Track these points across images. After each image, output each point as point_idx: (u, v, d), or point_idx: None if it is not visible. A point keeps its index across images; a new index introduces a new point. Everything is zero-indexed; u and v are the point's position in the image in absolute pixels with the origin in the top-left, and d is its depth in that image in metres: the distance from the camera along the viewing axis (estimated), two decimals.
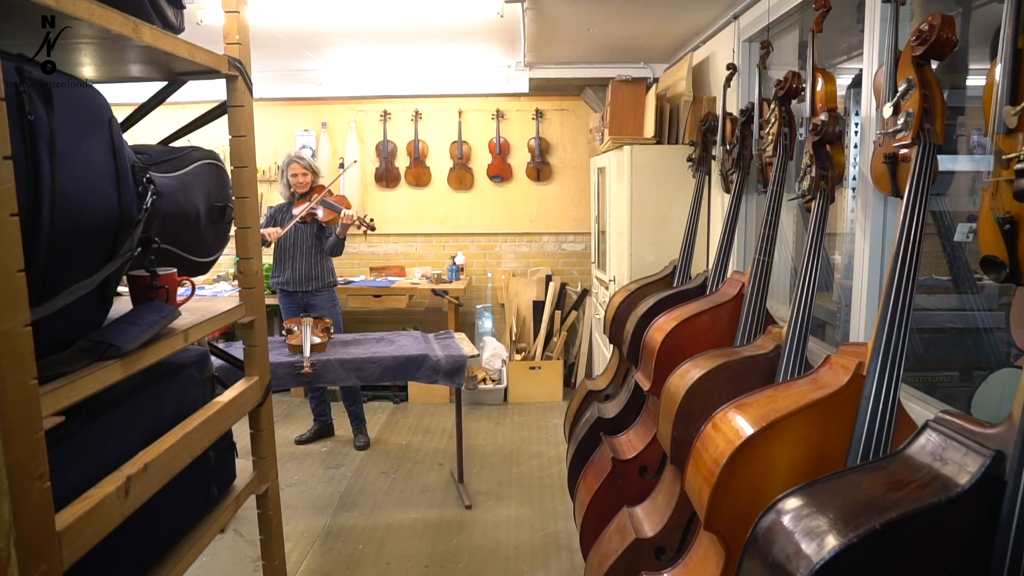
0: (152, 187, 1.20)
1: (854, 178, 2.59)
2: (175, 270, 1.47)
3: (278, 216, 4.67)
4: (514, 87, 5.72)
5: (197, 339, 1.41)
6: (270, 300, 5.53)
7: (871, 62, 2.08)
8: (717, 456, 1.63)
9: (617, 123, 4.30)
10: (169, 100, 1.70)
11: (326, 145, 6.17)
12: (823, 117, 2.10)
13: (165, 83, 1.70)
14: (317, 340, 3.76)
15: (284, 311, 4.74)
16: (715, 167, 3.73)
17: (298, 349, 3.66)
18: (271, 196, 6.20)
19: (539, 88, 5.65)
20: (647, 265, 3.97)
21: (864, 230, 2.14)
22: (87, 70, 1.51)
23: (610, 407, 3.36)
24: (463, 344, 3.97)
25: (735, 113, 3.42)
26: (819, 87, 2.29)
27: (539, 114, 6.10)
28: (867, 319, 2.13)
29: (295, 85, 5.65)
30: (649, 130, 3.99)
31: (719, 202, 3.74)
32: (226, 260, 6.36)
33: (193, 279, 1.52)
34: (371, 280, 5.91)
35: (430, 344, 3.95)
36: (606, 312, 3.71)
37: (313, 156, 6.08)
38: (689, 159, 3.78)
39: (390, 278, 5.99)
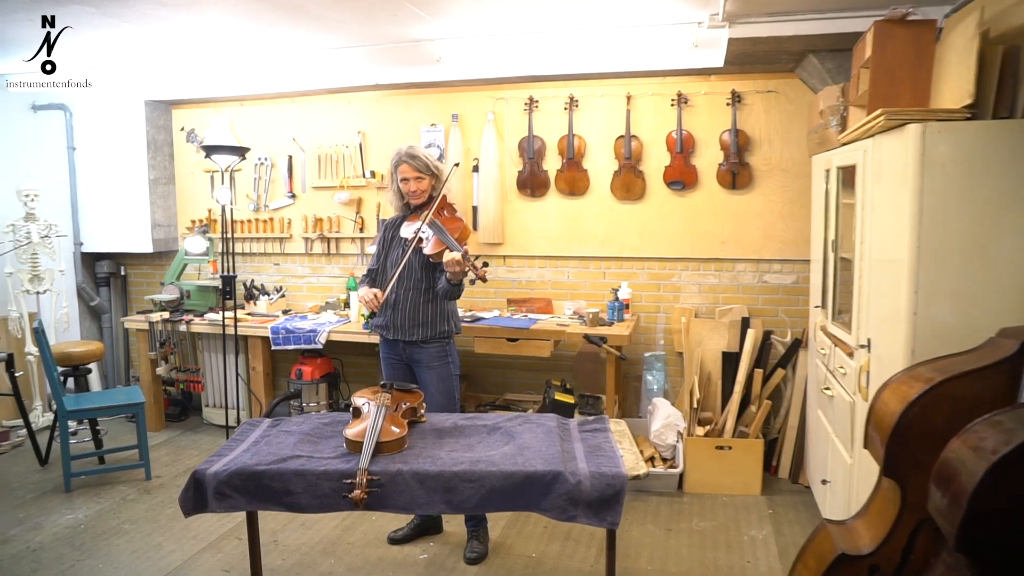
0: None
1: None
2: None
3: (388, 235, 3.45)
4: (703, 59, 4.16)
5: None
6: (373, 340, 4.32)
7: None
8: None
9: (883, 90, 2.64)
10: (273, 91, 0.45)
11: (457, 143, 4.91)
12: None
13: None
14: (395, 431, 2.43)
15: (384, 364, 3.46)
16: None
17: (358, 447, 2.34)
18: (389, 208, 5.03)
19: (738, 59, 4.04)
20: (945, 330, 2.29)
21: None
22: None
23: None
24: (622, 447, 2.48)
25: None
26: None
27: (736, 98, 4.48)
28: None
29: (412, 67, 4.43)
30: (964, 94, 2.29)
31: None
32: (337, 283, 5.29)
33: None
34: (505, 319, 4.56)
35: (569, 443, 2.50)
36: (873, 409, 2.10)
37: (441, 158, 4.84)
38: None
39: (531, 316, 4.61)
